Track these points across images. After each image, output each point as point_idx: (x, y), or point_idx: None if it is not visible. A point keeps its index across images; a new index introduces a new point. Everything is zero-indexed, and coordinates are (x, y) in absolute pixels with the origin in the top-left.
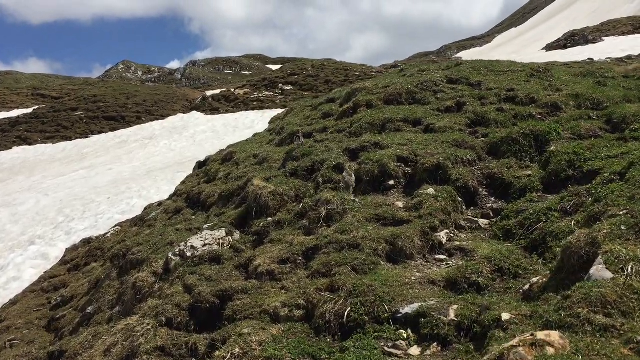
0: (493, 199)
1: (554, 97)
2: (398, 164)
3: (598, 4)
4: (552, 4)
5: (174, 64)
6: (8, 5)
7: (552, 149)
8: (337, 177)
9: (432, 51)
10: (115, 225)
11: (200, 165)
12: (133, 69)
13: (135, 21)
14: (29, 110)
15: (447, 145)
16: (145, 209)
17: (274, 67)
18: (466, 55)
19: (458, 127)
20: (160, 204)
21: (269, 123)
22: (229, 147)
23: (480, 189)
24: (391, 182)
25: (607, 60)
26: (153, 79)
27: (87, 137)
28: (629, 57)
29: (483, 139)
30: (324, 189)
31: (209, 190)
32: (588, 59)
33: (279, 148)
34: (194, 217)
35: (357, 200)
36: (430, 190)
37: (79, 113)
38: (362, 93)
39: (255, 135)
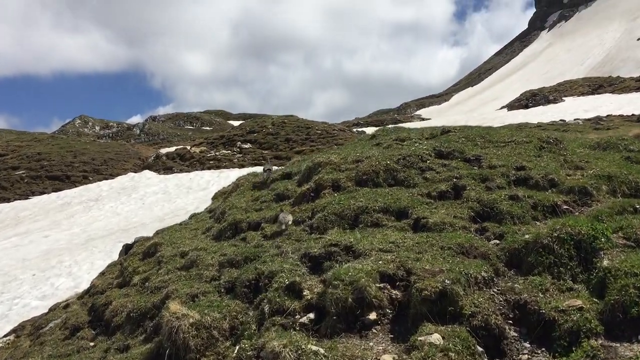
0: (528, 344)
1: (578, 179)
2: (381, 285)
3: (550, 66)
4: (506, 64)
5: (136, 119)
6: None
7: (605, 264)
8: (290, 304)
9: (393, 108)
10: (9, 334)
11: (127, 249)
12: (90, 124)
13: (96, 76)
14: None
15: (450, 254)
16: (51, 309)
17: (236, 123)
18: (425, 112)
19: (460, 223)
20: (67, 305)
21: (212, 199)
22: (156, 234)
23: (507, 327)
24: (372, 316)
25: (578, 121)
26: (111, 134)
27: (27, 199)
28: (599, 119)
29: (497, 241)
30: (270, 326)
31: (117, 303)
32: (560, 120)
33: (215, 243)
34: (92, 344)
35: (321, 350)
36: (435, 337)
37: (20, 172)
38: (327, 169)
39: (192, 217)
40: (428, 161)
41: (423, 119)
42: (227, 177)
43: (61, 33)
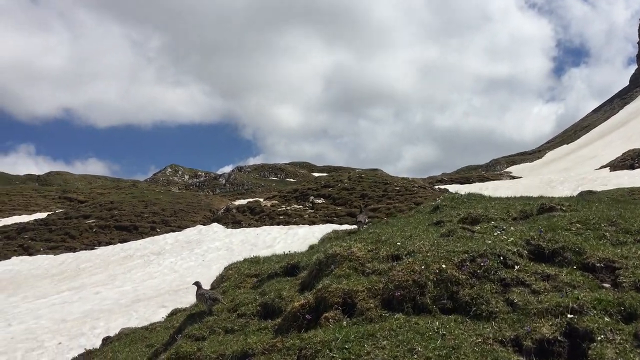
0: None
1: None
2: None
3: None
4: (605, 122)
5: (227, 168)
6: (78, 109)
7: None
8: None
9: (481, 165)
10: None
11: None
12: (180, 172)
13: (192, 126)
14: (44, 215)
15: None
16: None
17: (320, 175)
18: (516, 170)
19: None
20: None
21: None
22: (105, 343)
23: None
24: None
25: None
26: (198, 183)
27: (92, 249)
28: None
29: None
30: None
31: None
32: None
33: None
34: None
35: None
36: None
37: (90, 221)
38: (342, 268)
39: (173, 315)
40: (516, 267)
41: (513, 177)
42: (295, 234)
43: (163, 86)
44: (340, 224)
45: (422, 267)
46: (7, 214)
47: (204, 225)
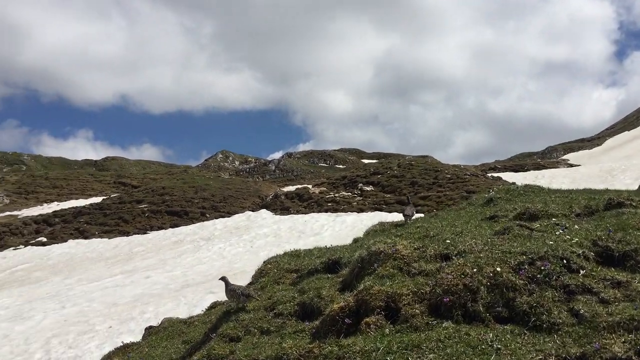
0: None
1: None
2: None
3: None
4: None
5: (277, 154)
6: (133, 95)
7: None
8: None
9: (537, 152)
10: None
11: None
12: (231, 158)
13: (243, 113)
14: (99, 200)
15: None
16: None
17: (369, 162)
18: (574, 157)
19: None
20: None
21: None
22: (149, 332)
23: None
24: None
25: None
26: (248, 169)
27: (145, 233)
28: None
29: None
30: None
31: None
32: None
33: None
34: None
35: None
36: None
37: (143, 206)
38: (386, 268)
39: (211, 309)
40: (582, 272)
41: (571, 165)
42: (343, 221)
43: (216, 72)
44: (389, 211)
45: (474, 269)
46: (65, 198)
47: (252, 211)
